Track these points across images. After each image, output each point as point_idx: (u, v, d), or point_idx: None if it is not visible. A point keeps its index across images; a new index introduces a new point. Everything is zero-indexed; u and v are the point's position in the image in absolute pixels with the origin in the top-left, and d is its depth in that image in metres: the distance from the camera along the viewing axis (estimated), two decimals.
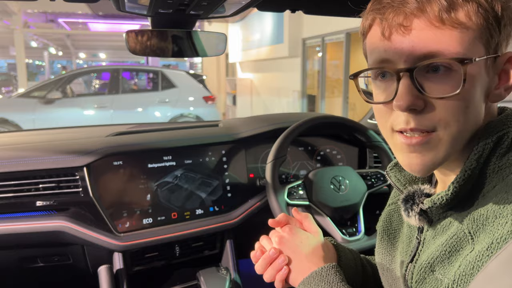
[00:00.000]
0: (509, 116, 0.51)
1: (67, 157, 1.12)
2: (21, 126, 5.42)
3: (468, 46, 0.46)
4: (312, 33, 6.99)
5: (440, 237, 0.53)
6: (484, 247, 0.44)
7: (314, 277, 0.63)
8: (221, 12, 0.97)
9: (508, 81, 0.49)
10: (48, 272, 1.26)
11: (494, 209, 0.46)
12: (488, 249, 0.43)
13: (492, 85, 0.49)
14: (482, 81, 0.48)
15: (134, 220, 1.15)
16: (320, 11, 1.15)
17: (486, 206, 0.47)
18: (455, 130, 0.48)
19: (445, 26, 0.46)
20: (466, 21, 0.46)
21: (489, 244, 0.44)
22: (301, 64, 7.54)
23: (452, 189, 0.49)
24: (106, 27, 13.37)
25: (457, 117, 0.47)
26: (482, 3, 0.46)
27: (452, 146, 0.49)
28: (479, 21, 0.46)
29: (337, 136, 1.47)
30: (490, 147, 0.48)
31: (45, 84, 5.93)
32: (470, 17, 0.46)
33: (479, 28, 0.46)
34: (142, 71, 7.85)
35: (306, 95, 7.57)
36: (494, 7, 0.46)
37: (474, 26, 0.46)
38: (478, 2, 0.46)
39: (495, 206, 0.46)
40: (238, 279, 1.24)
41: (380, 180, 1.27)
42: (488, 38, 0.47)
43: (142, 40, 1.01)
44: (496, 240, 0.43)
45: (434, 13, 0.46)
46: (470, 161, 0.49)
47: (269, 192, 1.15)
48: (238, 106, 10.67)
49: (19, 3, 9.60)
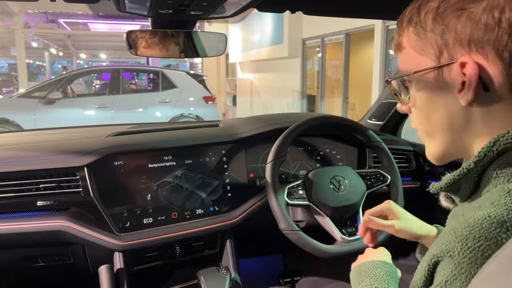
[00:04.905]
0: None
1: (68, 157, 1.12)
2: (22, 126, 5.42)
3: (411, 63, 0.55)
4: (312, 33, 7.00)
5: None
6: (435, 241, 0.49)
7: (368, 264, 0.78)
8: (221, 13, 0.97)
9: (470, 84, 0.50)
10: (49, 272, 1.26)
11: (465, 211, 0.49)
12: (435, 242, 0.48)
13: (454, 90, 0.51)
14: (436, 88, 0.53)
15: (135, 220, 1.15)
16: (319, 11, 1.15)
17: (466, 206, 0.51)
18: (426, 130, 0.57)
19: (399, 51, 0.57)
20: (405, 43, 0.55)
21: (437, 239, 0.48)
22: (301, 65, 7.55)
23: (446, 181, 0.54)
24: (107, 27, 13.37)
25: (421, 120, 0.57)
26: (417, 22, 0.53)
27: (435, 141, 0.56)
28: (416, 40, 0.54)
29: (336, 136, 1.47)
30: (493, 155, 0.49)
31: (46, 84, 5.93)
32: (409, 39, 0.55)
33: (418, 45, 0.53)
34: (142, 71, 7.86)
35: (306, 95, 7.58)
36: (426, 21, 0.52)
37: (413, 45, 0.54)
38: (414, 24, 0.53)
39: (469, 209, 0.49)
40: (238, 279, 1.24)
41: (379, 180, 1.27)
42: (429, 49, 0.52)
43: (142, 41, 1.01)
44: (441, 235, 0.47)
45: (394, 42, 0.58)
46: (469, 162, 0.51)
47: (269, 192, 1.15)
48: (238, 106, 10.67)
49: (19, 3, 9.60)
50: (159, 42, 1.03)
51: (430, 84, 0.54)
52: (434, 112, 0.55)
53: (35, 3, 3.25)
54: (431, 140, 0.58)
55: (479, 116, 0.51)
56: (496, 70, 0.48)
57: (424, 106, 0.56)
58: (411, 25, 0.54)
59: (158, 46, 1.03)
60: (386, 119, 1.66)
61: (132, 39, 1.00)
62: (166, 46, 1.04)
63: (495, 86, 0.49)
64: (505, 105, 0.50)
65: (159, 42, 1.03)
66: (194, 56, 1.12)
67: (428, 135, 0.58)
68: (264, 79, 9.57)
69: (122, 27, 12.55)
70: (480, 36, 0.48)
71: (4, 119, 5.47)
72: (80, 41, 17.27)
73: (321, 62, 6.92)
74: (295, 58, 7.56)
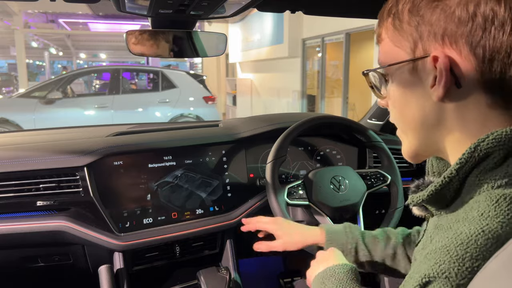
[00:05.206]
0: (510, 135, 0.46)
1: (68, 157, 1.12)
2: (22, 126, 5.42)
3: (388, 55, 0.53)
4: (312, 33, 7.00)
5: (428, 231, 0.56)
6: (423, 255, 0.45)
7: None
8: (221, 13, 0.97)
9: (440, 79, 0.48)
10: (49, 272, 1.26)
11: (451, 222, 0.46)
12: (425, 258, 0.44)
13: (428, 85, 0.49)
14: (410, 83, 0.51)
15: (135, 220, 1.15)
16: (320, 11, 1.15)
17: (450, 215, 0.48)
18: (400, 126, 0.57)
19: (379, 43, 0.56)
20: (383, 34, 0.54)
21: (426, 254, 0.45)
22: (301, 64, 7.55)
23: (429, 191, 0.50)
24: (107, 27, 13.37)
25: (395, 116, 0.56)
26: (395, 13, 0.51)
27: (409, 138, 0.55)
28: (393, 32, 0.52)
29: (337, 136, 1.47)
30: (475, 160, 0.47)
31: (46, 84, 5.93)
32: (387, 30, 0.53)
33: (395, 37, 0.52)
34: (142, 71, 7.86)
35: (306, 95, 7.58)
36: (403, 12, 0.50)
37: (391, 37, 0.52)
38: (393, 15, 0.52)
39: (454, 218, 0.46)
40: (238, 279, 1.24)
41: (379, 180, 1.27)
42: (405, 42, 0.50)
43: (142, 41, 1.01)
44: (431, 251, 0.44)
45: (375, 33, 0.57)
46: (451, 170, 0.48)
47: (269, 192, 1.15)
48: (238, 106, 10.67)
49: (19, 3, 9.60)
50: (159, 42, 1.03)
51: (404, 78, 0.52)
52: (407, 108, 0.53)
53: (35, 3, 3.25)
54: (405, 137, 0.56)
55: (451, 114, 0.49)
56: (469, 66, 0.46)
57: (398, 100, 0.54)
58: (390, 16, 0.52)
59: (158, 46, 1.03)
60: (386, 119, 1.66)
61: (132, 39, 1.00)
62: (166, 46, 1.04)
63: (468, 83, 0.47)
64: (478, 103, 0.47)
65: (159, 42, 1.03)
66: (194, 56, 1.12)
67: (402, 131, 0.57)
68: (264, 79, 9.57)
69: (122, 27, 12.55)
70: (453, 30, 0.46)
71: (4, 119, 5.47)
72: (80, 41, 17.28)
73: (321, 62, 6.92)
74: (295, 58, 7.56)
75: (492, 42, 0.44)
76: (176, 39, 1.05)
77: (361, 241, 0.92)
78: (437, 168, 0.61)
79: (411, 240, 0.90)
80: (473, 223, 0.43)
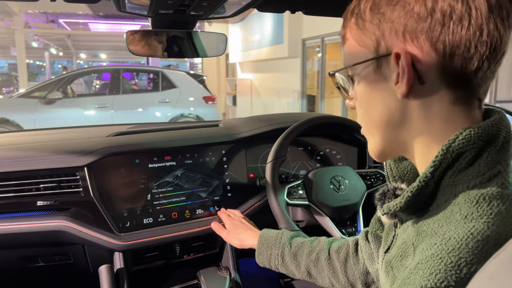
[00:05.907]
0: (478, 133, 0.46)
1: (68, 157, 1.12)
2: (22, 126, 5.42)
3: (353, 55, 0.53)
4: (312, 33, 7.00)
5: (401, 237, 0.54)
6: (413, 265, 0.44)
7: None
8: (221, 13, 0.97)
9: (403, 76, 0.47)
10: (49, 272, 1.26)
11: (433, 227, 0.46)
12: (415, 268, 0.43)
13: (391, 83, 0.49)
14: (375, 81, 0.51)
15: (135, 219, 1.16)
16: (320, 12, 1.16)
17: (430, 220, 0.47)
18: (366, 125, 0.56)
19: (344, 43, 0.55)
20: (348, 34, 0.53)
21: (416, 264, 0.44)
22: (301, 65, 7.55)
23: (406, 198, 0.49)
24: (107, 27, 13.37)
25: (361, 115, 0.56)
26: (357, 12, 0.51)
27: (375, 137, 0.55)
28: (357, 31, 0.52)
29: (336, 136, 1.47)
30: (448, 162, 0.47)
31: (46, 84, 5.93)
32: (351, 30, 0.53)
33: (358, 36, 0.51)
34: (142, 72, 7.85)
35: (306, 95, 7.58)
36: (365, 11, 0.50)
37: (355, 36, 0.52)
38: (356, 14, 0.52)
39: (436, 223, 0.46)
40: (238, 279, 1.24)
41: (379, 180, 1.27)
42: (368, 41, 0.50)
43: (142, 41, 1.01)
44: (422, 260, 0.43)
45: (340, 34, 0.56)
46: (425, 173, 0.48)
47: (269, 192, 1.15)
48: (238, 106, 10.67)
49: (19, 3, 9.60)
50: (159, 42, 1.03)
51: (369, 76, 0.52)
52: (373, 106, 0.53)
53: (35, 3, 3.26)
54: (371, 136, 0.56)
55: (416, 111, 0.49)
56: (431, 62, 0.46)
57: (365, 99, 0.54)
58: (353, 16, 0.52)
59: (158, 46, 1.03)
60: None
61: (132, 39, 1.00)
62: (166, 46, 1.04)
63: (431, 79, 0.46)
64: (442, 99, 0.47)
65: (159, 42, 1.03)
66: (194, 56, 1.12)
67: (368, 131, 0.56)
68: (264, 79, 9.57)
69: (122, 27, 12.56)
70: (413, 26, 0.46)
71: (4, 119, 5.48)
72: (80, 41, 17.28)
73: (321, 62, 6.92)
74: (295, 58, 7.56)
75: (451, 37, 0.44)
76: (176, 39, 1.05)
77: (287, 247, 0.95)
78: (396, 172, 0.61)
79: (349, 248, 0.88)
80: (459, 226, 0.43)
